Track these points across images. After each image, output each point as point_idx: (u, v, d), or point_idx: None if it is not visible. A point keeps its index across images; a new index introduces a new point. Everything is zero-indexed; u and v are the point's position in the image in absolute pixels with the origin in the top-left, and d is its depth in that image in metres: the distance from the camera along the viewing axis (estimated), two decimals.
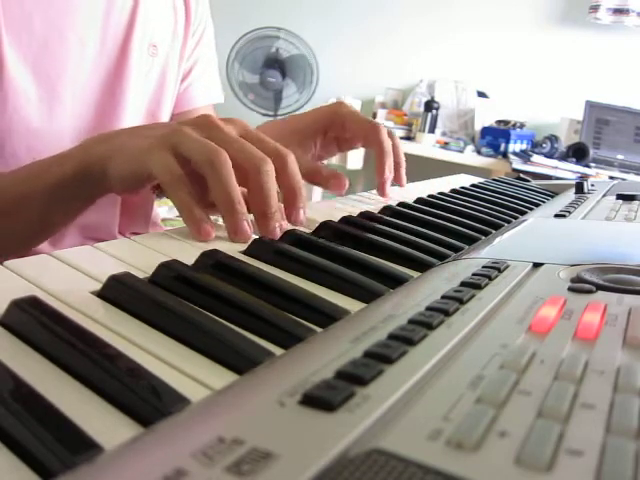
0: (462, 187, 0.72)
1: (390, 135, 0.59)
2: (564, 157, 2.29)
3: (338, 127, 0.61)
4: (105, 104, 0.65)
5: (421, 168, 1.90)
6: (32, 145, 0.44)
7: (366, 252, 0.40)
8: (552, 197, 0.78)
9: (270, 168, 0.42)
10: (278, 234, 0.41)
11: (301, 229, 0.43)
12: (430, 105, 2.54)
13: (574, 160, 2.26)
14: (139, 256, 0.35)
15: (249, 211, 0.41)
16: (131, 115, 0.68)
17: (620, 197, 0.70)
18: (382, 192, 0.59)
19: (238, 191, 0.40)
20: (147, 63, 0.69)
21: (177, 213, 0.40)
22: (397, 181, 0.61)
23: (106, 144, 0.45)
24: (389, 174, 0.58)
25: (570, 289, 0.30)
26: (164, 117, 0.73)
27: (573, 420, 0.17)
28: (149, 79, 0.70)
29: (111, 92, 0.66)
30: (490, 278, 0.32)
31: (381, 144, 0.58)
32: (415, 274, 0.38)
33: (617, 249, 0.43)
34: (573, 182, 0.82)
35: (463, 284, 0.31)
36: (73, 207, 0.50)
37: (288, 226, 0.43)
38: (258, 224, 0.42)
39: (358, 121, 0.59)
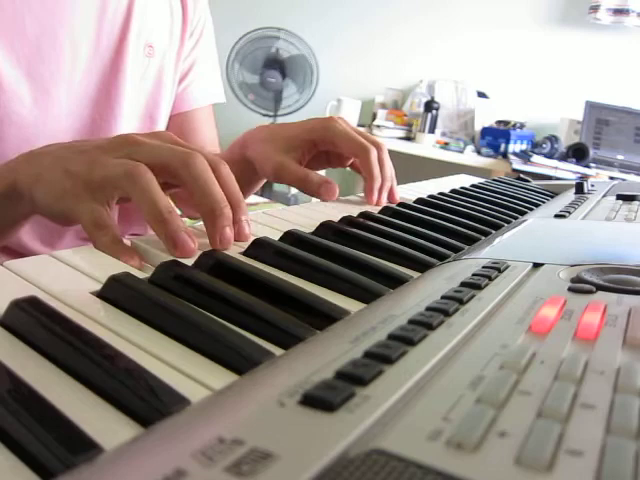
0: (462, 187, 0.72)
1: (379, 151, 0.59)
2: (564, 157, 2.28)
3: (328, 143, 0.60)
4: (101, 105, 0.65)
5: (421, 168, 1.90)
6: (25, 149, 0.43)
7: (366, 252, 0.40)
8: (552, 197, 0.78)
9: (201, 160, 0.37)
10: (230, 237, 0.37)
11: (301, 229, 0.43)
12: (430, 105, 2.54)
13: (574, 160, 2.26)
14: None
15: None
16: (128, 115, 0.67)
17: (620, 197, 0.70)
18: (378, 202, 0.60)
19: (165, 199, 0.36)
20: (143, 63, 0.68)
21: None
22: (390, 199, 0.61)
23: (33, 167, 0.41)
24: (377, 198, 0.59)
25: (570, 289, 0.30)
26: (162, 118, 0.72)
27: (573, 420, 0.17)
28: (146, 79, 0.69)
29: (107, 92, 0.65)
30: (490, 278, 0.32)
31: (370, 169, 0.58)
32: (415, 274, 0.38)
33: (617, 249, 0.43)
34: (573, 182, 0.82)
35: (463, 284, 0.31)
36: (2, 226, 0.47)
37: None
38: (206, 226, 0.38)
39: (348, 141, 0.59)
